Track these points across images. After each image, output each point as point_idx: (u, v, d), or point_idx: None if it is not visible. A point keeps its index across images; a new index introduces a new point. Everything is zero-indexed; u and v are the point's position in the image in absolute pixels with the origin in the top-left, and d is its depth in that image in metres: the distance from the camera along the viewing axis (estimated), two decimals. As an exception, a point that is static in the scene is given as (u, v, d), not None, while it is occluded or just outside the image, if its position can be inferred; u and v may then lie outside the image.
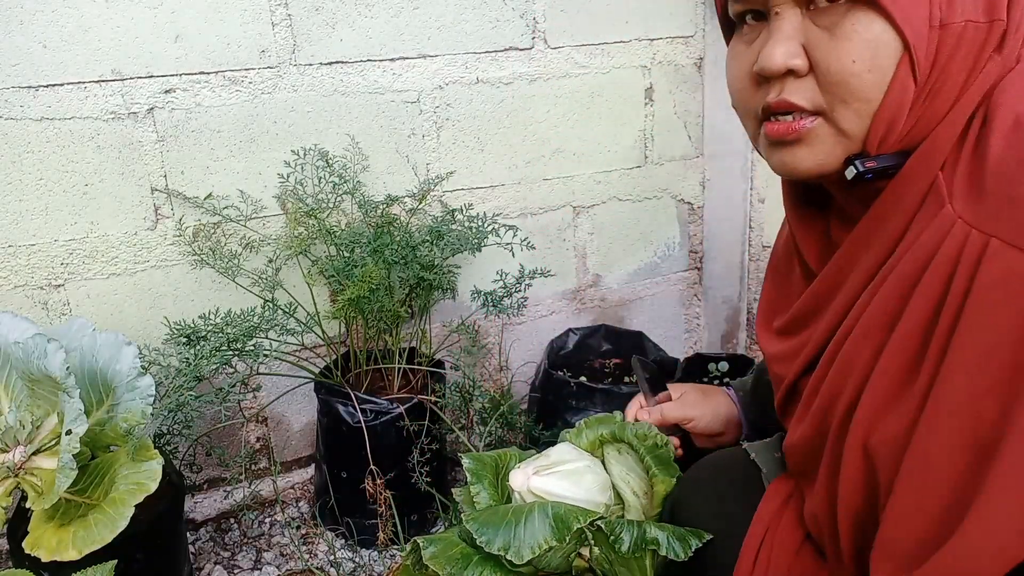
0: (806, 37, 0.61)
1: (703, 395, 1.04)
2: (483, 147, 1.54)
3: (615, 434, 0.99)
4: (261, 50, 1.31)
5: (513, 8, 1.48)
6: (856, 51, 0.58)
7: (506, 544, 0.79)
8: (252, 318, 1.22)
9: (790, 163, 0.64)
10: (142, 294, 1.36)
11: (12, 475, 1.03)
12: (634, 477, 0.93)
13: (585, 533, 0.81)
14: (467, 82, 1.48)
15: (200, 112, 1.30)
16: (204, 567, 1.36)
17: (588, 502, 0.88)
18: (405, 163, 1.48)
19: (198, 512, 1.47)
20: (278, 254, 1.38)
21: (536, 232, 1.62)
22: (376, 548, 1.38)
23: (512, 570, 0.80)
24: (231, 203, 1.36)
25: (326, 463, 1.40)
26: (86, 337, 1.12)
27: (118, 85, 1.24)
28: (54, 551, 0.98)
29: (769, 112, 0.64)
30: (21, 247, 1.26)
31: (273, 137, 1.36)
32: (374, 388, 1.41)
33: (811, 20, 0.60)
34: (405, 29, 1.40)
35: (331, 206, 1.36)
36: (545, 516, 0.81)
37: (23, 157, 1.22)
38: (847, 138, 0.61)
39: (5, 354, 1.08)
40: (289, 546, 1.41)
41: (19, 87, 1.19)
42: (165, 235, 1.34)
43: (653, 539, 0.80)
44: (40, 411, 1.07)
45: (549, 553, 0.80)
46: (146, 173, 1.30)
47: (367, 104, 1.42)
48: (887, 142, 0.60)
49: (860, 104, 0.59)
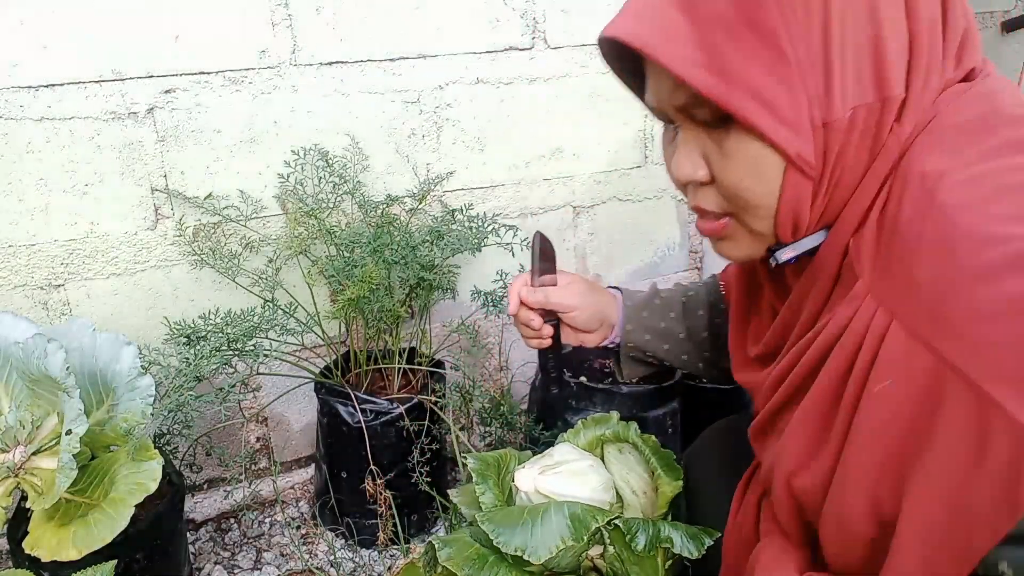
0: (704, 149, 0.63)
1: (589, 289, 1.00)
2: (483, 147, 1.54)
3: (618, 434, 0.99)
4: (261, 50, 1.31)
5: (513, 8, 1.48)
6: (741, 169, 0.59)
7: (523, 544, 0.79)
8: (252, 318, 1.22)
9: (724, 253, 0.69)
10: (142, 294, 1.36)
11: (12, 475, 1.03)
12: (634, 477, 0.94)
13: (601, 532, 0.82)
14: (467, 82, 1.48)
15: (200, 112, 1.30)
16: (204, 567, 1.36)
17: (594, 501, 0.88)
18: (405, 163, 1.48)
19: (198, 512, 1.47)
20: (278, 254, 1.38)
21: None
22: (376, 548, 1.38)
23: (525, 570, 0.80)
24: (231, 203, 1.36)
25: (326, 463, 1.40)
26: (86, 337, 1.12)
27: (118, 85, 1.24)
28: (54, 551, 0.98)
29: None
30: (21, 247, 1.26)
31: (273, 137, 1.36)
32: (374, 388, 1.41)
33: (706, 134, 0.62)
34: (405, 29, 1.40)
35: (331, 206, 1.36)
36: (562, 516, 0.81)
37: (23, 157, 1.22)
38: (760, 235, 0.64)
39: (5, 354, 1.08)
40: (289, 546, 1.41)
41: (19, 87, 1.19)
42: (165, 235, 1.34)
43: (667, 538, 0.80)
44: (40, 411, 1.07)
45: (562, 552, 0.80)
46: (146, 173, 1.30)
47: (367, 104, 1.42)
48: (799, 231, 0.62)
49: (759, 210, 0.61)
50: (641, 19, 0.59)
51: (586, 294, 0.98)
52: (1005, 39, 2.06)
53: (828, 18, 0.54)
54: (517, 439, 1.55)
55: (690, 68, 0.56)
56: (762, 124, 0.55)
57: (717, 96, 0.55)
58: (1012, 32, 2.03)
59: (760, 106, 0.55)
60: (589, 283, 1.01)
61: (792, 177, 0.58)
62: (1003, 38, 2.05)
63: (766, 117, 0.55)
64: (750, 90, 0.55)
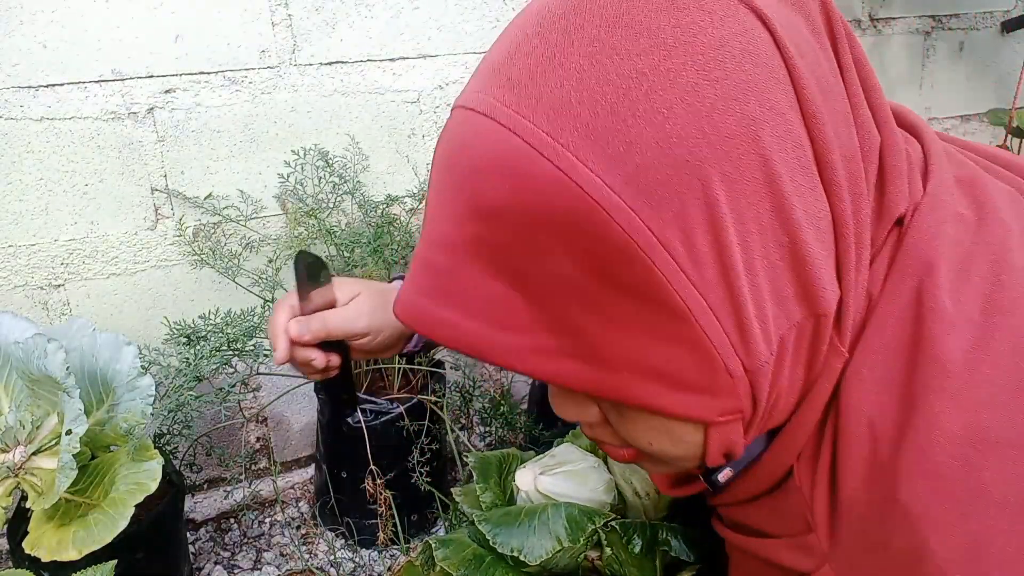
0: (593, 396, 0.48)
1: (381, 300, 0.74)
2: (483, 147, 1.54)
3: None
4: (261, 50, 1.31)
5: (513, 8, 1.48)
6: (649, 436, 0.47)
7: (520, 545, 0.79)
8: (252, 318, 1.22)
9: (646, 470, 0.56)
10: (142, 294, 1.36)
11: (12, 475, 1.03)
12: (637, 478, 0.94)
13: (598, 534, 0.82)
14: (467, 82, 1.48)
15: (200, 112, 1.30)
16: (204, 567, 1.36)
17: (594, 501, 0.88)
18: (405, 163, 1.48)
19: (198, 512, 1.47)
20: (278, 254, 1.38)
21: (536, 232, 1.62)
22: (376, 548, 1.38)
23: (522, 571, 0.80)
24: (231, 203, 1.36)
25: (326, 463, 1.40)
26: (86, 337, 1.12)
27: (118, 85, 1.24)
28: (54, 551, 0.98)
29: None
30: (21, 247, 1.26)
31: (273, 137, 1.36)
32: (374, 388, 1.41)
33: None
34: (405, 29, 1.40)
35: (331, 206, 1.36)
36: (559, 517, 0.81)
37: (23, 157, 1.22)
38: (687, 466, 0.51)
39: (5, 354, 1.08)
40: (289, 546, 1.41)
41: (19, 87, 1.19)
42: (165, 235, 1.34)
43: (665, 540, 0.80)
44: (40, 411, 1.07)
45: (560, 554, 0.80)
46: (146, 173, 1.30)
47: (367, 104, 1.42)
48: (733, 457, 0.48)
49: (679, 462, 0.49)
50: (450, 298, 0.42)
51: (377, 310, 0.74)
52: (1005, 39, 2.06)
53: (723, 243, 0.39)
54: (517, 439, 1.55)
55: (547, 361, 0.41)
56: (667, 405, 0.42)
57: (595, 389, 0.42)
58: (1012, 32, 2.03)
59: (659, 385, 0.41)
60: (378, 291, 0.76)
61: (717, 431, 0.45)
62: (1003, 38, 2.05)
63: (670, 396, 0.41)
64: (640, 368, 0.41)
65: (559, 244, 0.39)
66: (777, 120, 0.39)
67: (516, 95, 0.39)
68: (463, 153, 0.41)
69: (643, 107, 0.37)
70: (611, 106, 0.37)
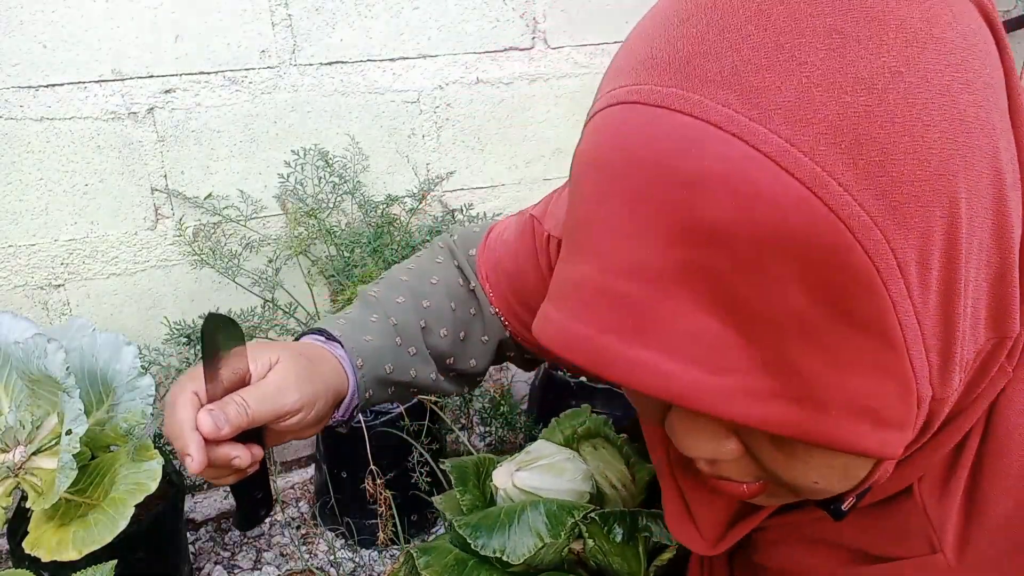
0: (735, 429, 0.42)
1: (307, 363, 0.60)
2: (483, 147, 1.54)
3: (590, 429, 1.00)
4: (261, 50, 1.31)
5: (513, 8, 1.48)
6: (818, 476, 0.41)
7: (501, 546, 0.79)
8: (252, 318, 1.22)
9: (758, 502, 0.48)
10: (142, 294, 1.36)
11: (12, 475, 1.03)
12: (612, 470, 0.94)
13: (579, 527, 0.82)
14: (467, 82, 1.48)
15: (200, 112, 1.30)
16: (204, 567, 1.36)
17: (572, 492, 0.89)
18: (405, 163, 1.48)
19: (198, 512, 1.47)
20: (278, 254, 1.38)
21: (536, 232, 1.62)
22: (376, 548, 1.38)
23: (507, 571, 0.81)
24: (231, 203, 1.36)
25: (326, 463, 1.40)
26: (86, 337, 1.11)
27: (118, 85, 1.24)
28: (54, 551, 0.98)
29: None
30: (21, 247, 1.26)
31: (273, 137, 1.36)
32: (374, 388, 1.41)
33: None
34: (405, 29, 1.40)
35: (331, 206, 1.36)
36: (538, 514, 0.81)
37: (23, 157, 1.22)
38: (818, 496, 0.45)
39: (5, 354, 1.08)
40: (289, 546, 1.41)
41: (19, 87, 1.19)
42: (165, 235, 1.34)
43: (645, 526, 0.81)
44: (40, 411, 1.07)
45: (543, 550, 0.80)
46: (146, 173, 1.30)
47: (367, 104, 1.41)
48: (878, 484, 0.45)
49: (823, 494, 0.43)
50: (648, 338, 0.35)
51: (304, 381, 0.59)
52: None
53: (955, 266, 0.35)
54: (517, 439, 1.55)
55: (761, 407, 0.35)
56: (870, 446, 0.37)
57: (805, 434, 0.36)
58: (1012, 32, 2.03)
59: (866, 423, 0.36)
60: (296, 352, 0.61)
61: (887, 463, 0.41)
62: (1003, 38, 2.06)
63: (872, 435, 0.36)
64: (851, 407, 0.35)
65: (792, 271, 0.33)
66: (1007, 130, 0.36)
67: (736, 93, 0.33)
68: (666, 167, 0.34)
69: (901, 111, 0.32)
70: (865, 108, 0.32)
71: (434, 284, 0.74)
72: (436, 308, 0.72)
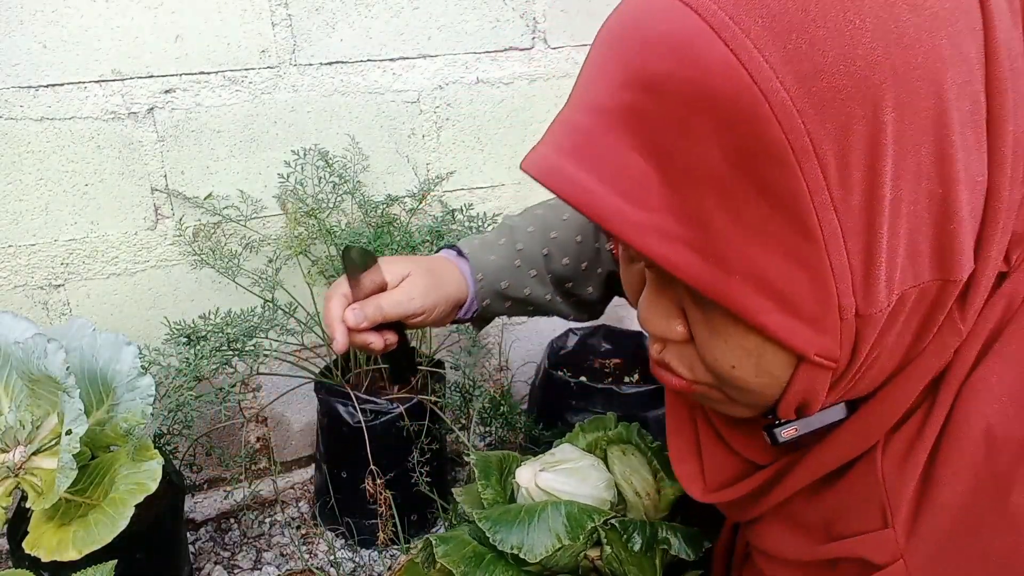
0: (683, 302, 0.47)
1: (432, 278, 0.77)
2: (483, 147, 1.54)
3: (620, 435, 1.00)
4: (261, 50, 1.31)
5: (513, 8, 1.48)
6: (734, 356, 0.44)
7: (520, 542, 0.79)
8: (252, 318, 1.22)
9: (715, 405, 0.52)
10: (142, 294, 1.36)
11: (12, 475, 1.03)
12: (637, 478, 0.94)
13: (598, 532, 0.82)
14: (467, 82, 1.48)
15: (200, 112, 1.30)
16: (204, 567, 1.36)
17: (594, 498, 0.89)
18: (405, 163, 1.48)
19: (198, 512, 1.47)
20: (278, 254, 1.38)
21: (536, 232, 1.62)
22: (376, 548, 1.38)
23: (523, 569, 0.81)
24: (231, 203, 1.36)
25: (326, 463, 1.40)
26: (86, 337, 1.12)
27: (118, 85, 1.24)
28: (54, 551, 0.98)
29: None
30: (21, 247, 1.26)
31: (273, 137, 1.36)
32: (374, 388, 1.41)
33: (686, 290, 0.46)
34: (405, 29, 1.40)
35: (331, 206, 1.36)
36: (559, 514, 0.81)
37: (23, 157, 1.22)
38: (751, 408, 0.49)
39: (5, 354, 1.08)
40: (289, 546, 1.41)
41: (19, 87, 1.19)
42: (165, 235, 1.34)
43: (664, 539, 0.80)
44: (40, 411, 1.07)
45: (559, 552, 0.80)
46: (146, 173, 1.30)
47: (367, 104, 1.42)
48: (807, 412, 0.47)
49: (753, 396, 0.47)
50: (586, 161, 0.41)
51: (429, 291, 0.76)
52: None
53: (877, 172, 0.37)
54: (517, 439, 1.55)
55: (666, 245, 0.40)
56: (771, 323, 0.40)
57: (705, 287, 0.40)
58: None
59: (770, 299, 0.40)
60: (426, 268, 0.78)
61: (806, 371, 0.43)
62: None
63: (777, 314, 0.40)
64: (756, 278, 0.39)
65: (712, 130, 0.37)
66: (962, 68, 0.38)
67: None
68: (635, 28, 0.40)
69: (835, 12, 0.36)
70: (803, 4, 0.36)
71: (564, 220, 0.85)
72: (562, 240, 0.84)
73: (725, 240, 0.39)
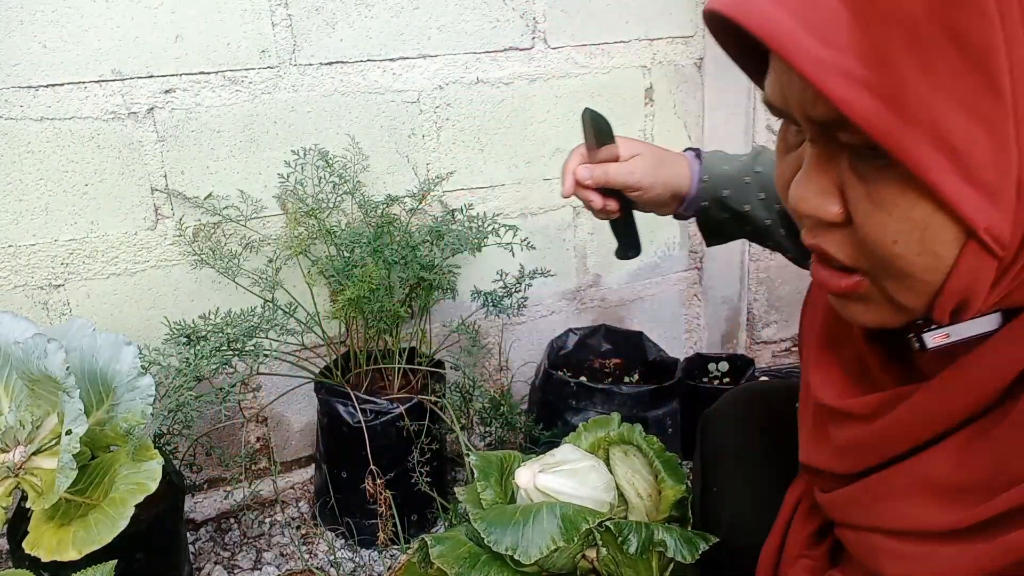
0: (843, 180, 0.45)
1: (658, 162, 0.87)
2: (483, 147, 1.54)
3: (622, 436, 0.99)
4: (261, 50, 1.31)
5: (513, 8, 1.48)
6: (898, 231, 0.42)
7: (514, 544, 0.79)
8: (252, 318, 1.22)
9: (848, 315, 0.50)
10: (142, 294, 1.36)
11: (12, 475, 1.03)
12: (639, 479, 0.94)
13: (593, 534, 0.81)
14: (467, 82, 1.48)
15: (200, 112, 1.30)
16: (204, 567, 1.36)
17: (593, 500, 0.88)
18: (405, 163, 1.48)
19: (198, 512, 1.47)
20: (278, 254, 1.38)
21: (536, 232, 1.62)
22: (376, 548, 1.38)
23: (519, 570, 0.80)
24: (231, 203, 1.36)
25: (326, 463, 1.40)
26: (86, 337, 1.11)
27: (118, 85, 1.24)
28: (54, 551, 0.97)
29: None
30: (21, 247, 1.26)
31: (273, 137, 1.36)
32: (374, 388, 1.41)
33: (848, 161, 0.44)
34: (405, 29, 1.40)
35: (331, 206, 1.36)
36: (553, 516, 0.81)
37: (23, 157, 1.22)
38: (904, 308, 0.46)
39: (5, 354, 1.08)
40: (289, 546, 1.41)
41: (19, 87, 1.19)
42: (165, 235, 1.34)
43: (661, 541, 0.80)
44: (40, 411, 1.07)
45: (555, 553, 0.80)
46: (146, 173, 1.30)
47: (367, 104, 1.42)
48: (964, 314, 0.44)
49: (912, 282, 0.44)
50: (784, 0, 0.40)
51: (653, 170, 0.86)
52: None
53: None
54: (517, 439, 1.55)
55: (848, 87, 0.38)
56: (945, 185, 0.38)
57: (883, 136, 0.38)
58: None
59: (947, 159, 0.38)
60: (656, 153, 0.88)
61: (972, 254, 0.41)
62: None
63: (952, 176, 0.38)
64: (936, 133, 0.37)
65: None
66: None
67: None
68: None
69: None
70: None
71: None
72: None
73: (910, 89, 0.37)
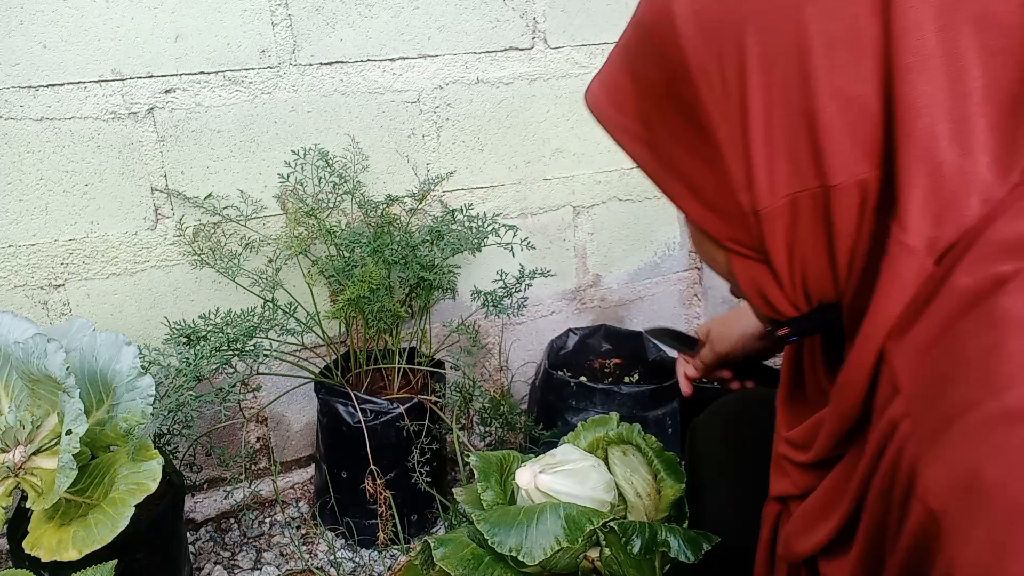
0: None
1: (723, 325, 0.99)
2: (483, 147, 1.54)
3: (621, 435, 0.99)
4: (261, 50, 1.31)
5: (513, 8, 1.48)
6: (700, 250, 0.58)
7: (518, 545, 0.79)
8: (252, 318, 1.22)
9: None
10: (142, 294, 1.36)
11: (12, 475, 1.03)
12: (638, 478, 0.93)
13: (597, 534, 0.81)
14: (467, 82, 1.48)
15: (200, 112, 1.30)
16: (204, 567, 1.36)
17: (593, 500, 0.88)
18: (405, 163, 1.48)
19: (198, 512, 1.47)
20: (278, 254, 1.38)
21: (536, 232, 1.62)
22: (376, 548, 1.38)
23: (521, 571, 0.80)
24: (231, 203, 1.36)
25: (326, 463, 1.40)
26: (86, 337, 1.12)
27: (118, 85, 1.24)
28: (54, 551, 0.98)
29: None
30: (21, 247, 1.26)
31: (273, 137, 1.36)
32: (374, 388, 1.41)
33: None
34: (405, 29, 1.40)
35: (331, 206, 1.36)
36: (557, 517, 0.81)
37: (23, 157, 1.22)
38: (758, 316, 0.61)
39: (5, 354, 1.08)
40: (289, 546, 1.41)
41: (19, 87, 1.19)
42: (165, 235, 1.34)
43: (664, 541, 0.80)
44: (40, 411, 1.07)
45: (559, 554, 0.80)
46: (146, 173, 1.30)
47: (367, 104, 1.41)
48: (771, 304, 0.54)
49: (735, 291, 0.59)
50: (603, 81, 0.57)
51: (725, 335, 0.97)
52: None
53: (745, 92, 0.47)
54: (517, 439, 1.55)
55: (631, 141, 0.54)
56: (691, 210, 0.53)
57: (652, 175, 0.54)
58: None
59: (687, 190, 0.52)
60: (721, 319, 1.00)
61: (736, 260, 0.53)
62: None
63: (691, 201, 0.52)
64: (679, 171, 0.52)
65: (652, 54, 0.51)
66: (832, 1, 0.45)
67: None
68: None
69: None
70: None
71: None
72: None
73: (661, 141, 0.52)
